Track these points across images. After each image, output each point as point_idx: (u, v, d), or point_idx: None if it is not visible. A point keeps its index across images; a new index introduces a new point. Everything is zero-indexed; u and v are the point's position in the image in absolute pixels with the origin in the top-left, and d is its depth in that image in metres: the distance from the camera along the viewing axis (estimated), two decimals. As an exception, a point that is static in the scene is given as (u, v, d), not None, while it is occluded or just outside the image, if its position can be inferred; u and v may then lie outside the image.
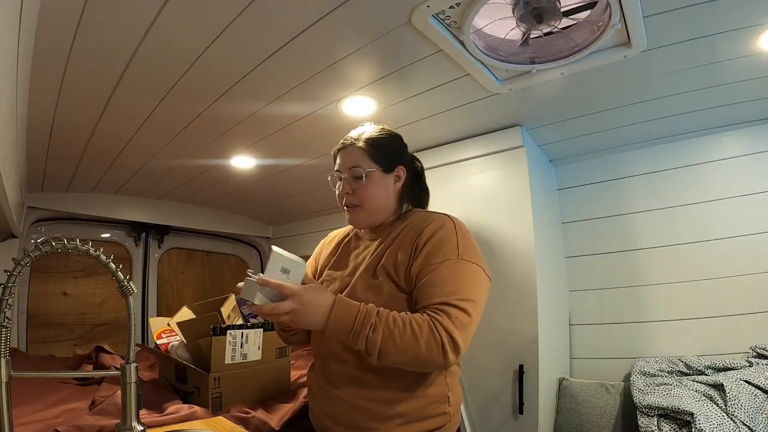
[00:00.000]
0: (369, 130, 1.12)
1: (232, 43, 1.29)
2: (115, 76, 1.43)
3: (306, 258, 1.03)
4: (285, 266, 0.88)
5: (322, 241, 1.31)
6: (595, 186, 2.20)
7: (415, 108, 1.72)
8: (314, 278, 1.18)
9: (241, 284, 0.91)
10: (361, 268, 1.05)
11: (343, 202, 1.10)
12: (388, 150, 1.11)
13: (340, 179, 1.11)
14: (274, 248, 0.89)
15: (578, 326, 2.15)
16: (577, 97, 1.67)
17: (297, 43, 1.29)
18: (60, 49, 1.26)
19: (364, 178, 1.06)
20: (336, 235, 1.27)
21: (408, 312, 0.92)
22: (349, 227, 1.23)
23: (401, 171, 1.12)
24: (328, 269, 1.15)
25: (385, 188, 1.09)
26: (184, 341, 1.82)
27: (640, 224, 2.07)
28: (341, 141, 1.12)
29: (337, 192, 1.12)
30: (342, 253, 1.17)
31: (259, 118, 1.79)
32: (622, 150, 2.13)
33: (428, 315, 0.88)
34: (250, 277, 0.87)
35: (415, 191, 1.17)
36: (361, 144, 1.08)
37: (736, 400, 1.40)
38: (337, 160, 1.12)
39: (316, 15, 1.18)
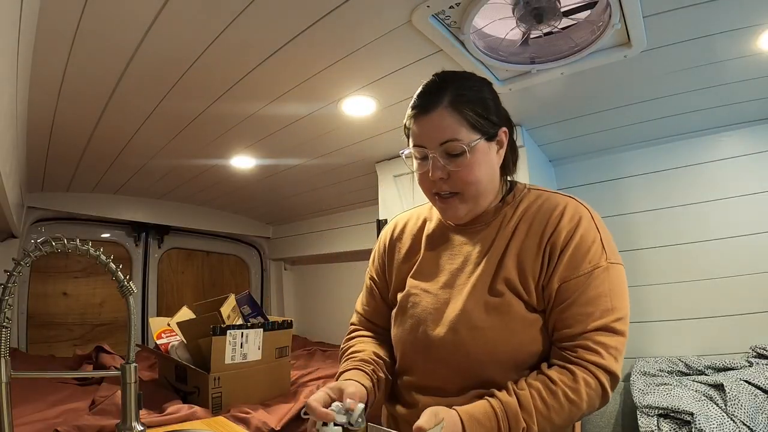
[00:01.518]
0: (450, 79, 0.78)
1: (232, 43, 1.29)
2: (115, 76, 1.43)
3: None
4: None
5: (388, 232, 0.94)
6: (595, 186, 2.20)
7: (415, 108, 1.72)
8: (385, 281, 0.91)
9: None
10: (470, 280, 0.76)
11: (435, 189, 0.79)
12: (488, 106, 0.78)
13: (424, 158, 0.78)
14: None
15: (578, 326, 2.15)
16: (577, 97, 1.67)
17: (297, 43, 1.29)
18: (60, 49, 1.26)
19: (466, 155, 0.74)
20: (407, 222, 0.92)
21: (547, 364, 0.71)
22: (423, 210, 0.93)
23: (504, 135, 0.80)
24: (413, 278, 0.84)
25: (491, 163, 0.78)
26: (184, 341, 1.82)
27: (640, 224, 2.07)
28: (417, 102, 0.78)
29: (417, 174, 0.81)
30: (426, 252, 0.85)
31: (259, 118, 1.79)
32: (622, 150, 2.13)
33: (579, 361, 0.68)
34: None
35: (511, 156, 0.86)
36: (453, 104, 0.74)
37: (736, 400, 1.40)
38: (415, 131, 0.77)
39: (317, 15, 1.18)
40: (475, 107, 0.76)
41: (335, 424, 0.65)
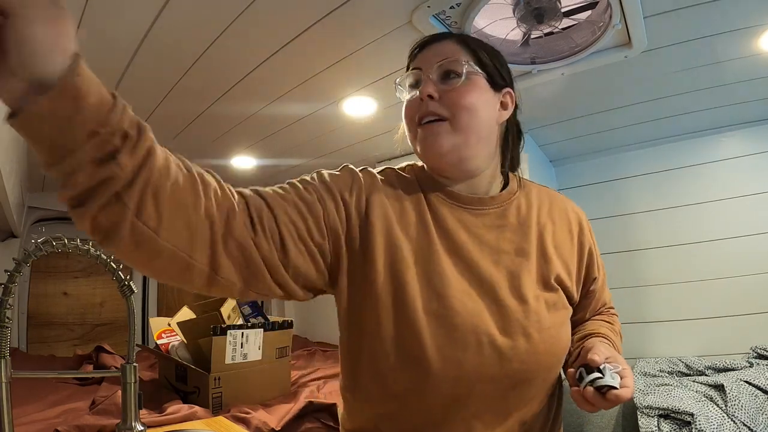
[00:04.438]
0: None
1: (232, 43, 1.29)
2: (115, 76, 1.43)
3: None
4: None
5: (373, 175, 0.69)
6: (595, 186, 2.20)
7: (415, 108, 1.72)
8: (343, 218, 0.66)
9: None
10: (519, 277, 0.65)
11: (420, 113, 0.65)
12: (497, 58, 0.71)
13: (417, 83, 0.68)
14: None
15: (578, 326, 2.15)
16: (578, 98, 1.67)
17: (297, 43, 1.29)
18: (60, 49, 1.26)
19: (462, 77, 0.65)
20: (397, 179, 0.70)
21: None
22: (408, 178, 0.71)
23: (509, 97, 0.71)
24: (437, 274, 0.63)
25: (491, 108, 0.68)
26: (185, 341, 1.82)
27: (640, 224, 2.07)
28: (422, 39, 0.73)
29: (406, 102, 0.69)
30: (443, 240, 0.65)
31: (259, 118, 1.79)
32: (622, 150, 2.13)
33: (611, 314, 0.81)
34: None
35: (516, 144, 0.77)
36: (460, 39, 0.69)
37: (737, 401, 1.40)
38: (414, 60, 0.71)
39: (317, 15, 1.18)
40: (484, 50, 0.69)
41: None
